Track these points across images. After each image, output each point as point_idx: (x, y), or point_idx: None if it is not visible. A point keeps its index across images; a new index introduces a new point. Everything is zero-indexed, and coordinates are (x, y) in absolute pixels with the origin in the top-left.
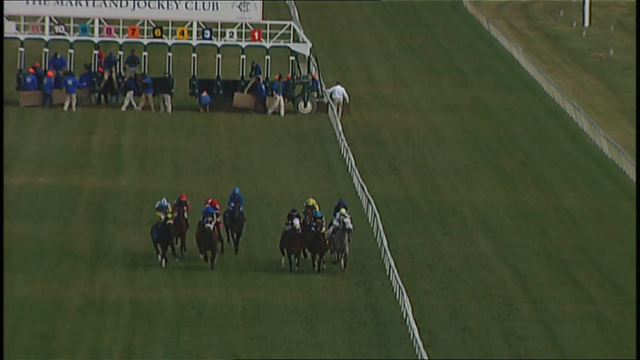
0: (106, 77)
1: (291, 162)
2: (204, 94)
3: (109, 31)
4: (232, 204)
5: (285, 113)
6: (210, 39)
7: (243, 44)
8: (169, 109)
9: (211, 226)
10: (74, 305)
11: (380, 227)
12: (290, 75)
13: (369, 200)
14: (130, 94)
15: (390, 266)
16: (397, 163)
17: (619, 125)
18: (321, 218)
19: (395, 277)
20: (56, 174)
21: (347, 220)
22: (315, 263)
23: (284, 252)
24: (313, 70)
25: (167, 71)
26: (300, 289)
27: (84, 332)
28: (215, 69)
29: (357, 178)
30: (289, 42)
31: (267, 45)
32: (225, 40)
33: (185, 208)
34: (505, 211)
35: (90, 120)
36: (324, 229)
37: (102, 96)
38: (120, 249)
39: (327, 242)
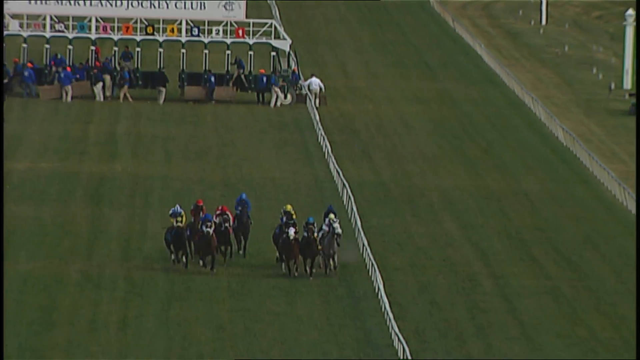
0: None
1: (272, 149)
2: (211, 77)
3: (105, 29)
4: (240, 208)
5: (281, 104)
6: (198, 35)
7: (228, 41)
8: (161, 101)
9: (210, 231)
10: (73, 281)
11: (354, 208)
12: (263, 70)
13: (343, 184)
14: (99, 85)
15: (363, 244)
16: (369, 150)
17: (574, 115)
18: (313, 224)
19: (368, 254)
20: (56, 160)
21: (337, 225)
22: (307, 268)
23: (283, 259)
24: (293, 64)
25: (159, 65)
26: (280, 265)
27: (82, 305)
28: (203, 63)
29: (333, 164)
30: (271, 38)
31: (250, 41)
32: (211, 37)
33: (201, 213)
34: (469, 194)
35: (88, 111)
36: (315, 234)
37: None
38: (115, 229)
39: (319, 247)
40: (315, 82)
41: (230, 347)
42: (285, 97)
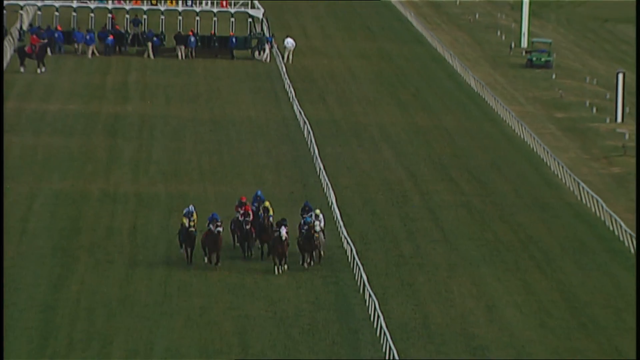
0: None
1: (249, 94)
2: (192, 38)
3: (119, 0)
4: (256, 204)
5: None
6: (191, 6)
7: (215, 10)
8: (182, 56)
9: (221, 230)
10: (94, 196)
11: (313, 140)
12: (232, 33)
13: (304, 122)
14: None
15: (320, 168)
16: (324, 94)
17: (483, 68)
18: (312, 222)
19: (323, 176)
20: (81, 103)
21: (317, 222)
22: (306, 261)
23: (274, 259)
24: (265, 28)
25: (160, 29)
26: (255, 184)
27: (102, 216)
28: (195, 27)
29: (296, 105)
30: (248, 8)
31: (232, 10)
32: (202, 7)
33: (242, 208)
34: (402, 129)
35: (106, 65)
36: (315, 231)
37: (116, 47)
38: (127, 156)
39: (317, 243)
40: (290, 41)
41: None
42: (259, 53)
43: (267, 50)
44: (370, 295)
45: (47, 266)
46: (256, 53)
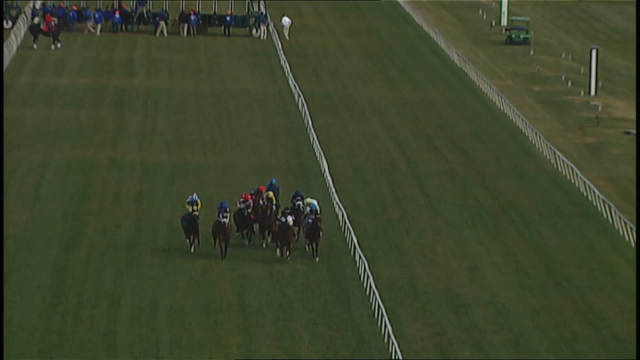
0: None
1: (247, 69)
2: (192, 16)
3: None
4: (265, 195)
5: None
6: None
7: None
8: (185, 33)
9: (227, 221)
10: (103, 165)
11: (307, 112)
12: (230, 12)
13: (299, 95)
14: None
15: (313, 138)
16: (318, 70)
17: (465, 44)
18: (317, 211)
19: (316, 145)
20: (90, 77)
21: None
22: (313, 250)
23: (278, 244)
24: (262, 7)
25: (164, 7)
26: (253, 153)
27: (110, 182)
28: (197, 7)
29: (291, 80)
30: None
31: None
32: None
33: (259, 197)
34: (389, 102)
35: (113, 41)
36: (320, 222)
37: (122, 25)
38: (133, 127)
39: (321, 232)
40: (286, 20)
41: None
42: (256, 31)
43: (264, 29)
44: (360, 256)
45: (59, 230)
46: (253, 31)
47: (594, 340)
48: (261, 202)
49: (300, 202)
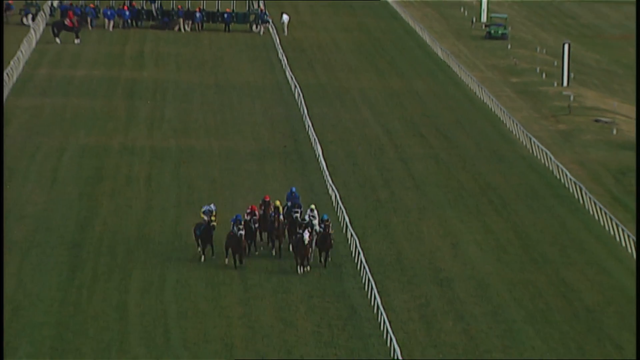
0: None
1: (248, 62)
2: (198, 13)
3: None
4: (289, 203)
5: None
6: None
7: None
8: (186, 28)
9: (243, 233)
10: (115, 150)
11: (303, 101)
12: (229, 9)
13: (295, 86)
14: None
15: (308, 126)
16: (313, 63)
17: (448, 39)
18: (328, 220)
19: (311, 132)
20: (103, 69)
21: (313, 219)
22: (322, 259)
23: (297, 261)
24: (262, 5)
25: (172, 6)
26: (253, 139)
27: (121, 166)
28: (201, 5)
29: (288, 72)
30: None
31: None
32: None
33: (268, 207)
34: (378, 92)
35: (125, 36)
36: (331, 230)
37: (134, 22)
38: (143, 115)
39: (332, 240)
40: (285, 17)
41: (221, 195)
42: (256, 27)
43: (264, 26)
44: (351, 234)
45: (75, 209)
46: (253, 27)
47: (566, 311)
48: (270, 211)
49: (298, 215)
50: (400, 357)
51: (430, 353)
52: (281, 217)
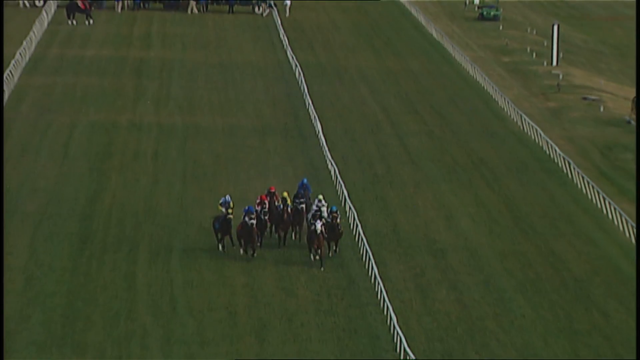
0: None
1: (250, 42)
2: None
3: None
4: (302, 192)
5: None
6: None
7: None
8: (195, 11)
9: (254, 222)
10: (124, 126)
11: (303, 80)
12: None
13: (296, 65)
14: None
15: (308, 103)
16: (313, 43)
17: (442, 21)
18: (336, 211)
19: (311, 109)
20: (112, 49)
21: (324, 209)
22: (331, 250)
23: (312, 250)
24: None
25: None
26: (255, 116)
27: (129, 142)
28: None
29: (289, 51)
30: None
31: None
32: None
33: (274, 198)
34: (376, 71)
35: (133, 17)
36: (338, 220)
37: (142, 4)
38: (150, 92)
39: (341, 231)
40: (287, 1)
41: (225, 170)
42: (259, 9)
43: (266, 8)
44: (350, 207)
45: (85, 183)
46: (256, 8)
47: (555, 281)
48: (276, 203)
49: (304, 206)
50: (396, 324)
51: (425, 321)
52: (289, 209)
